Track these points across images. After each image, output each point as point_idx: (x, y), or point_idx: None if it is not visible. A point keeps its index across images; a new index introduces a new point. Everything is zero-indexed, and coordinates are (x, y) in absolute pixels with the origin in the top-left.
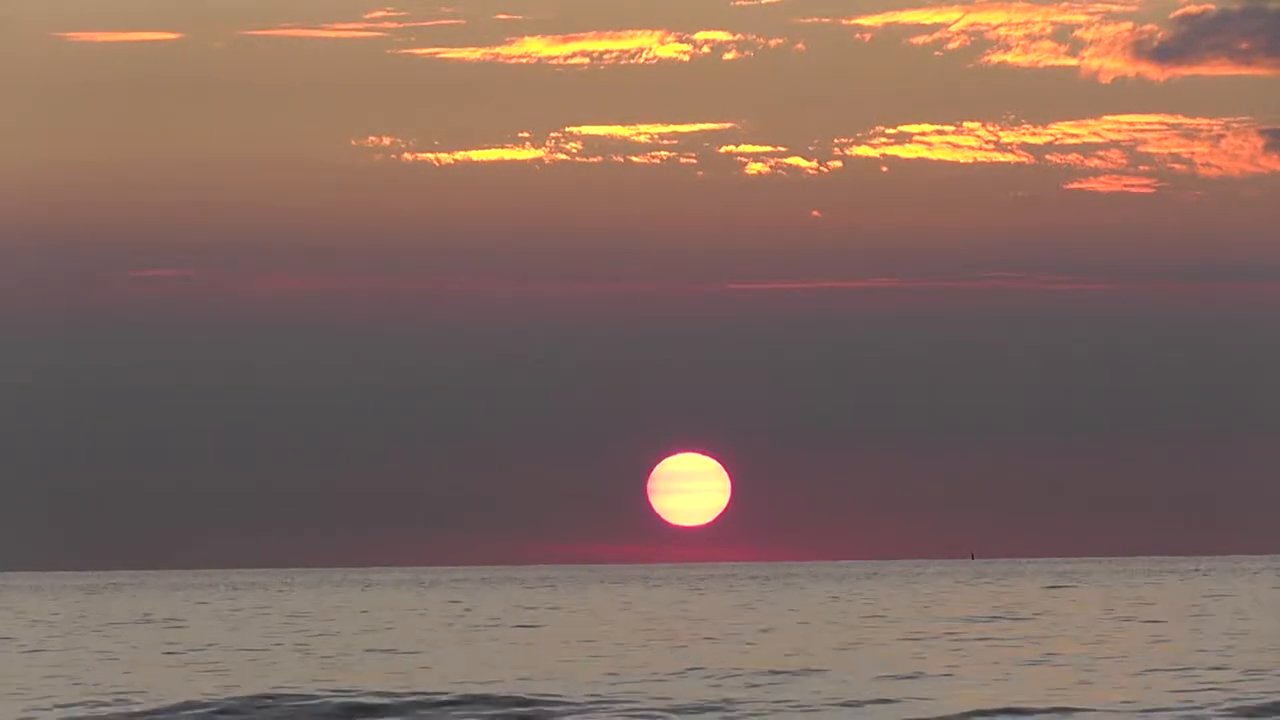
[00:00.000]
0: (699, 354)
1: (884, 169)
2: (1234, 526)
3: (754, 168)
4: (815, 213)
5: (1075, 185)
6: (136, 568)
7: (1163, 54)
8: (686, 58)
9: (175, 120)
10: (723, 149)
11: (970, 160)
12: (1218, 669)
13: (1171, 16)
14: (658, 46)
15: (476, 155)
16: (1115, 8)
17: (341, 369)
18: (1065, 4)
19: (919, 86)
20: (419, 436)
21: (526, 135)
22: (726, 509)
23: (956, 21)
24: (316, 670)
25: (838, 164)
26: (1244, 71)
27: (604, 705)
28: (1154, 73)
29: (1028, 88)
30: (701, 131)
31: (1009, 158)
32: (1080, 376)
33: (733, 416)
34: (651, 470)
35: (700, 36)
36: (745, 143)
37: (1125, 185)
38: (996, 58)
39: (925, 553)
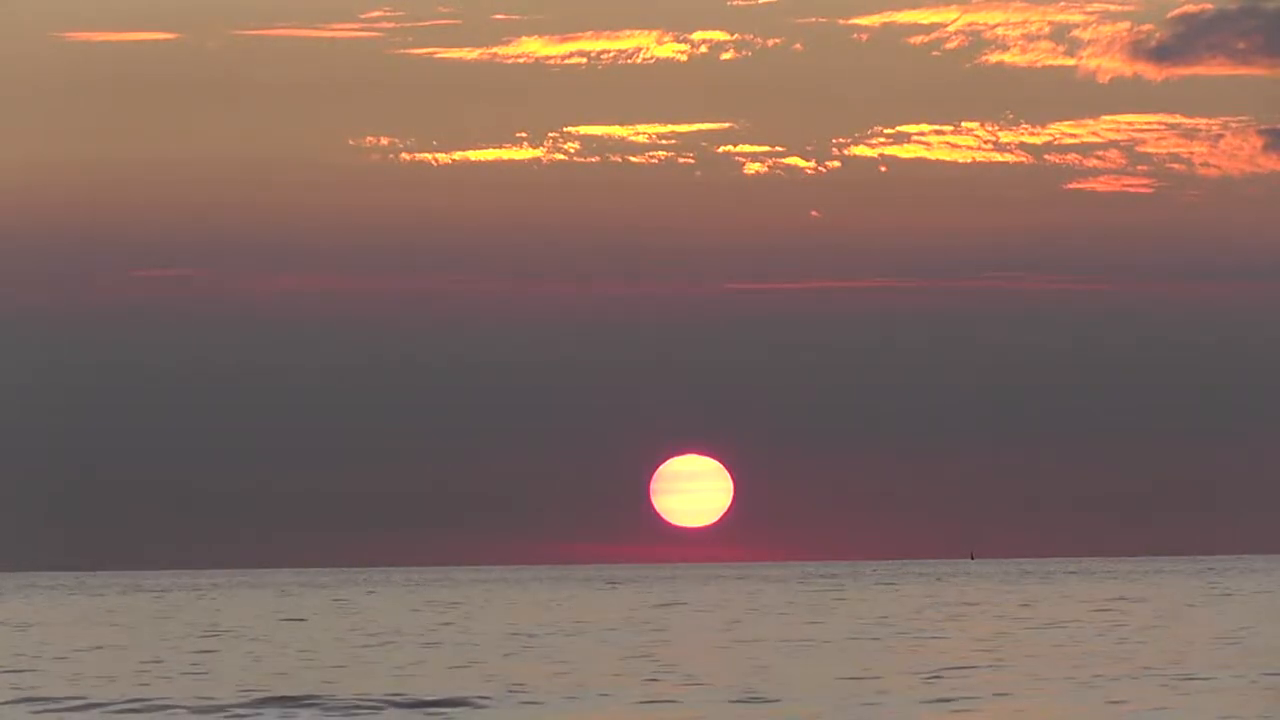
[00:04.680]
0: (699, 354)
1: (882, 169)
2: (1234, 526)
3: (752, 168)
4: (814, 213)
5: (1074, 185)
6: (136, 568)
7: (1160, 54)
8: (684, 57)
9: (174, 120)
10: (721, 149)
11: (969, 160)
12: None
13: (1169, 16)
14: (655, 46)
15: (474, 155)
16: (1113, 7)
17: (341, 369)
18: (1063, 3)
19: (917, 86)
20: (419, 436)
21: (524, 135)
22: (729, 509)
23: (954, 21)
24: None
25: (836, 164)
26: (1242, 71)
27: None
28: (1152, 72)
29: (1026, 87)
30: (699, 131)
31: (1007, 158)
32: (1080, 376)
33: (734, 417)
34: (654, 471)
35: (698, 36)
36: (743, 142)
37: (1124, 185)
38: (994, 57)
39: (925, 553)
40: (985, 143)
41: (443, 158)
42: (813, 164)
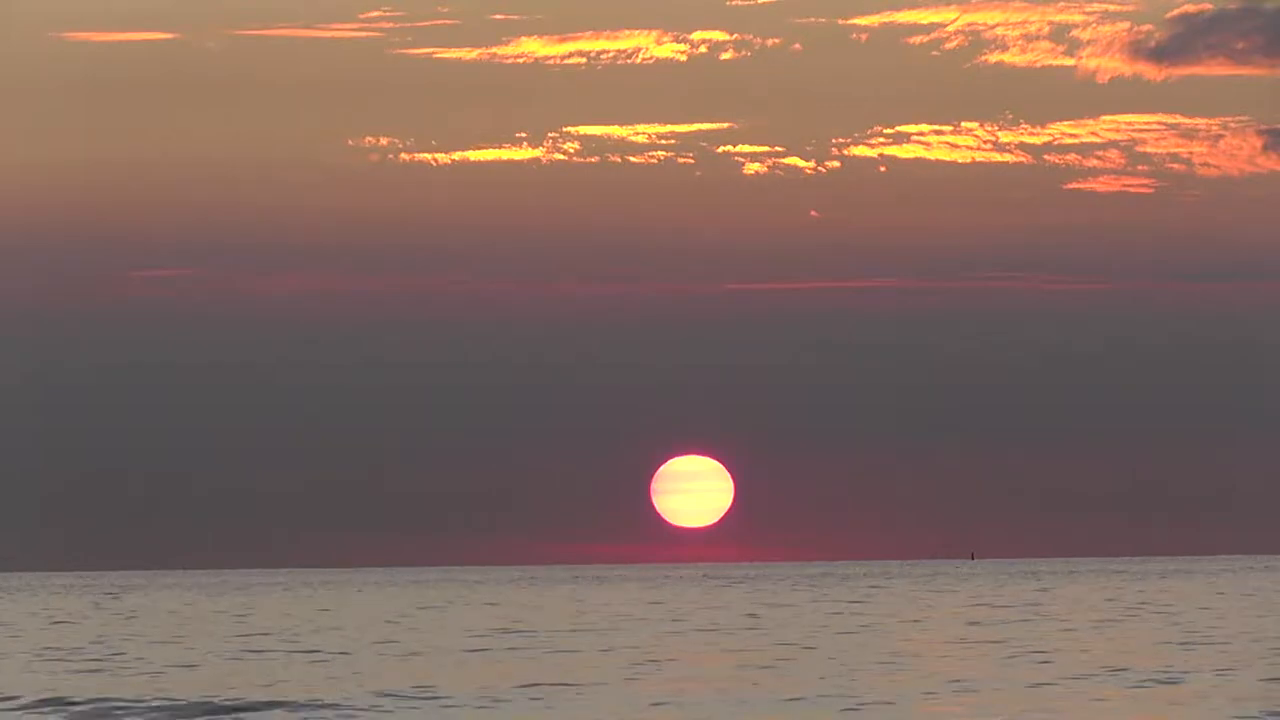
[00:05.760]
0: (699, 354)
1: (882, 169)
2: (1234, 526)
3: (752, 167)
4: (813, 213)
5: (1074, 185)
6: (136, 568)
7: (1160, 54)
8: (683, 57)
9: (174, 120)
10: (720, 149)
11: (969, 160)
12: None
13: (1168, 16)
14: (654, 46)
15: (474, 155)
16: (1112, 7)
17: (340, 369)
18: (1062, 3)
19: (916, 86)
20: (420, 437)
21: (524, 135)
22: (730, 509)
23: (953, 21)
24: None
25: (836, 164)
26: (1241, 71)
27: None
28: (1151, 72)
29: (1025, 87)
30: (699, 131)
31: (1007, 158)
32: (1080, 376)
33: (734, 417)
34: (654, 471)
35: (697, 36)
36: (743, 142)
37: (1124, 185)
38: (994, 58)
39: (925, 553)
40: (985, 143)
41: (442, 158)
42: (812, 164)
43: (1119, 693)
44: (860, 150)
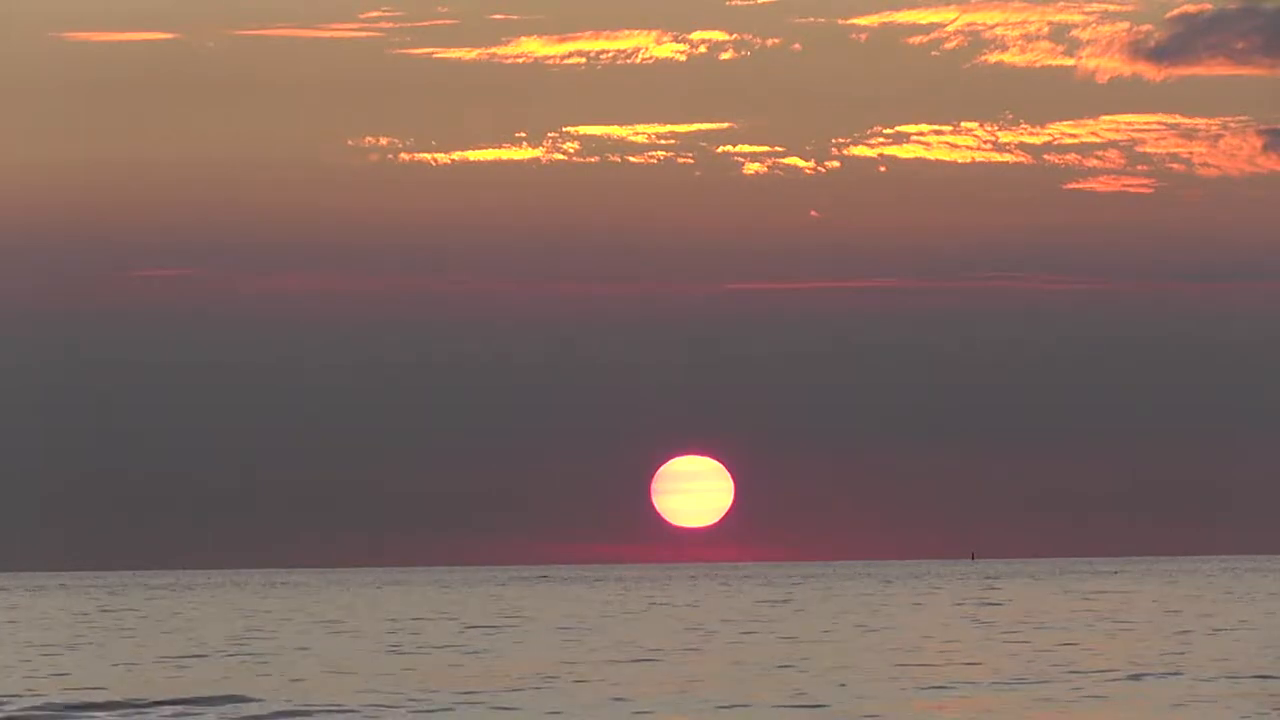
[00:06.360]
0: (699, 354)
1: (882, 169)
2: (1234, 526)
3: (751, 167)
4: (813, 213)
5: (1074, 185)
6: (136, 568)
7: (1159, 54)
8: (683, 57)
9: (174, 120)
10: (720, 149)
11: (968, 160)
12: None
13: (1168, 16)
14: (654, 46)
15: (473, 155)
16: (1111, 7)
17: (340, 369)
18: (1061, 3)
19: (916, 86)
20: (420, 437)
21: (523, 135)
22: (730, 509)
23: (953, 21)
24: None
25: (835, 164)
26: (1241, 71)
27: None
28: (1151, 72)
29: (1025, 87)
30: (699, 131)
31: (1007, 158)
32: (1080, 376)
33: (734, 417)
34: (654, 471)
35: (696, 36)
36: (743, 142)
37: (1124, 185)
38: (993, 58)
39: (925, 552)
40: (985, 143)
41: (442, 158)
42: (812, 164)
43: (1118, 692)
44: (860, 150)
